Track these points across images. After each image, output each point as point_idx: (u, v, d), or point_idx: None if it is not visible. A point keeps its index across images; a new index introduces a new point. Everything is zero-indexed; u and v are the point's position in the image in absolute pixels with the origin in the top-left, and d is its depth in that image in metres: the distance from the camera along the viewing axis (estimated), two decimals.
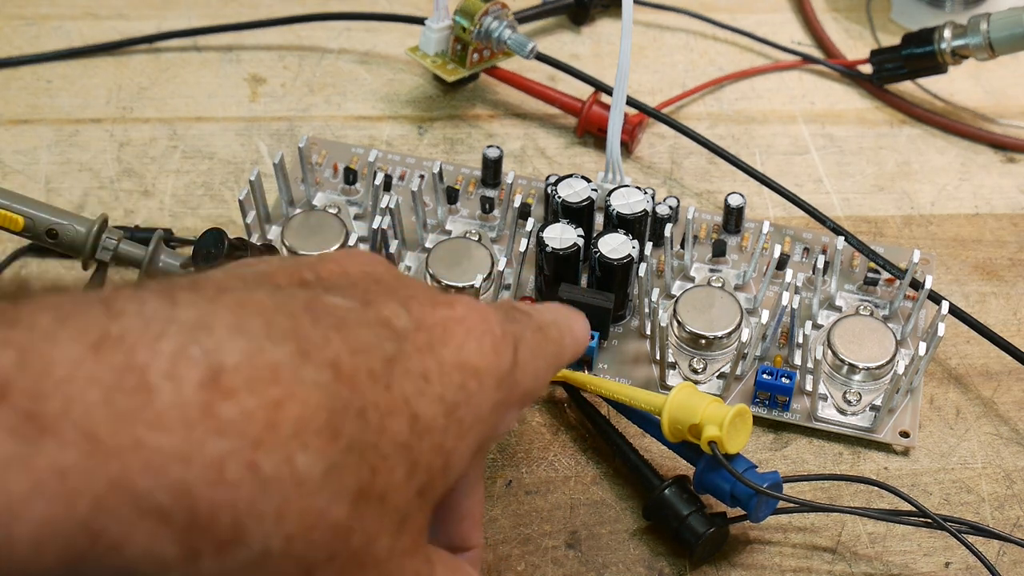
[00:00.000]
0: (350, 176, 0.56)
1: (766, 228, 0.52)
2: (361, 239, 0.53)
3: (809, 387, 0.48)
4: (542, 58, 0.60)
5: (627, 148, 0.59)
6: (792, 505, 0.43)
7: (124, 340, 0.25)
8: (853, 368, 0.49)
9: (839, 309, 0.52)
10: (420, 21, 0.61)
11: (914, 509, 0.43)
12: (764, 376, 0.48)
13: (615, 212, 0.51)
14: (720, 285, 0.52)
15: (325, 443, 0.27)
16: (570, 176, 0.52)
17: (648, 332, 0.51)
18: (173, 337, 0.26)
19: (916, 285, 0.51)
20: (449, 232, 0.54)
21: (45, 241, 0.49)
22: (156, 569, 0.25)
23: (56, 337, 0.25)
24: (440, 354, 0.31)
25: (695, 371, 0.49)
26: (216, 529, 0.25)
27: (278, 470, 0.26)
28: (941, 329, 0.47)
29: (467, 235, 0.54)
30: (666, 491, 0.44)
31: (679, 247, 0.53)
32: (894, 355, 0.49)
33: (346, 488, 0.27)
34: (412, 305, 0.31)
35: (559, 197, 0.51)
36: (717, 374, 0.49)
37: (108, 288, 0.27)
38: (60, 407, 0.24)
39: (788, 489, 0.45)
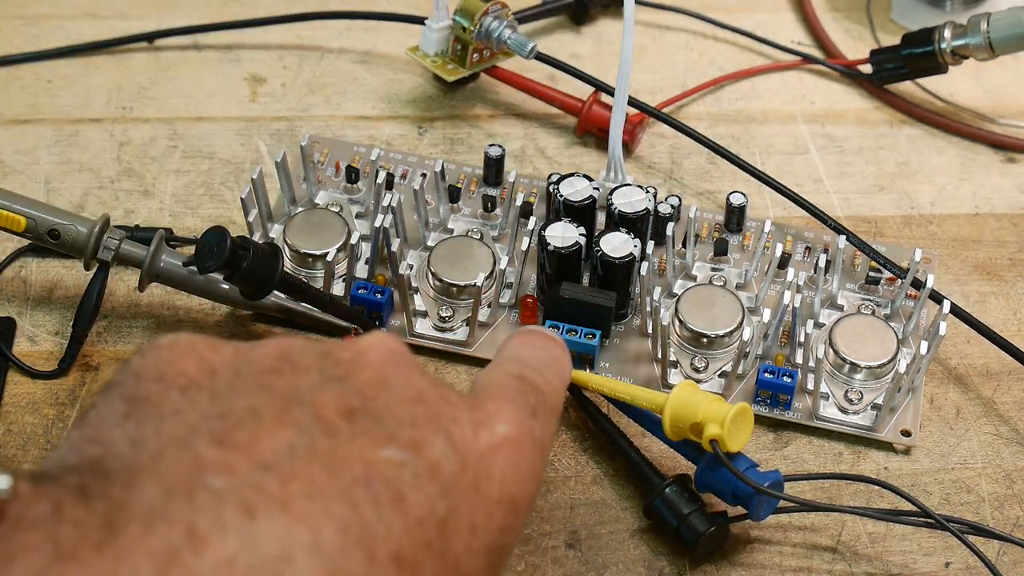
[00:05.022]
0: (352, 174, 0.56)
1: (768, 227, 0.52)
2: (363, 237, 0.53)
3: (811, 386, 0.48)
4: (542, 58, 0.60)
5: (627, 148, 0.59)
6: (792, 504, 0.43)
7: None
8: (855, 367, 0.49)
9: (841, 308, 0.52)
10: (420, 21, 0.61)
11: (915, 509, 0.43)
12: (766, 375, 0.48)
13: (617, 211, 0.51)
14: (722, 284, 0.52)
15: None
16: (572, 175, 0.52)
17: (650, 331, 0.51)
18: None
19: (917, 284, 0.51)
20: (451, 230, 0.54)
21: (47, 242, 0.48)
22: None
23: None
24: (486, 493, 0.32)
25: (696, 370, 0.49)
26: None
27: None
28: (943, 328, 0.47)
29: (469, 233, 0.54)
30: (667, 490, 0.44)
31: (681, 246, 0.53)
32: (895, 354, 0.49)
33: None
34: (455, 435, 0.32)
35: (561, 196, 0.51)
36: (719, 373, 0.49)
37: (190, 485, 0.27)
38: None
39: (788, 488, 0.45)
